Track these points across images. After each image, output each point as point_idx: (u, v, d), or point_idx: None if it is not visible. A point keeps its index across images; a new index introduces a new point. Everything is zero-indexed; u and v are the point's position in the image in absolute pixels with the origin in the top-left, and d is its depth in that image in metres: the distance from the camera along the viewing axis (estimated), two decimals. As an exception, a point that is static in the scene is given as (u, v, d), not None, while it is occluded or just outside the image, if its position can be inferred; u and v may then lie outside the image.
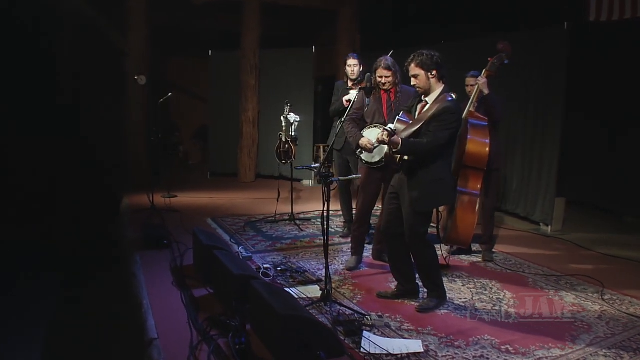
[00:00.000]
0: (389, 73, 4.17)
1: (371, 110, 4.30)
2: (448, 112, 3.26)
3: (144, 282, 4.08)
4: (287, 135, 6.05)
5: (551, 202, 5.61)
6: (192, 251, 4.71)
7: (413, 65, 3.36)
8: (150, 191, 6.61)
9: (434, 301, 3.56)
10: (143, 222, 5.52)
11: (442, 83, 3.39)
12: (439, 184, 3.39)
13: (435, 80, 3.36)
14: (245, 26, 8.65)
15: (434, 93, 3.40)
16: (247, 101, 8.91)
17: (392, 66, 4.18)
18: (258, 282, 3.22)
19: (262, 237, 5.49)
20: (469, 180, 4.30)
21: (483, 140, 4.26)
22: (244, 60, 8.77)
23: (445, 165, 3.44)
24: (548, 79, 5.60)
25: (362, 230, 4.57)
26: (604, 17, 4.87)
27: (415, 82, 3.39)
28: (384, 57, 4.24)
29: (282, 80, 9.02)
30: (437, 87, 3.39)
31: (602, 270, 4.38)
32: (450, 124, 3.27)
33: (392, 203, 3.62)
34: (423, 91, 3.41)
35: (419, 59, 3.33)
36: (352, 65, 5.14)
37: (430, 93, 3.41)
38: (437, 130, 3.27)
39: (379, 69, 4.17)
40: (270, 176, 9.39)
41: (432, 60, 3.31)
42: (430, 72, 3.32)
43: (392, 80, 4.20)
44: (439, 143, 3.28)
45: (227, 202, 7.38)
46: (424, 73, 3.33)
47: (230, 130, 9.20)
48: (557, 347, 3.01)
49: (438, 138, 3.27)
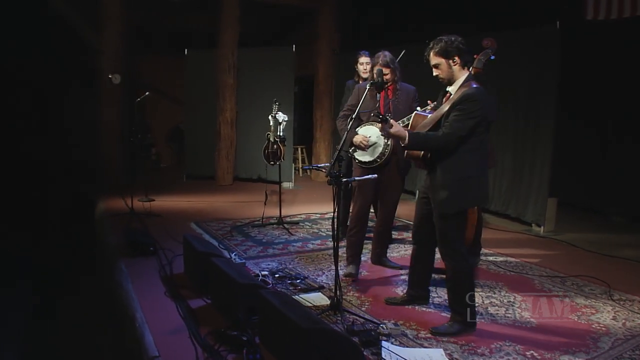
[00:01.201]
0: (388, 70, 3.97)
1: (367, 108, 4.04)
2: (469, 99, 2.90)
3: (133, 293, 3.80)
4: (275, 135, 5.82)
5: (543, 203, 5.59)
6: (181, 258, 4.44)
7: (432, 54, 3.02)
8: (126, 194, 6.28)
9: (456, 327, 3.11)
10: (125, 228, 5.20)
11: (466, 70, 3.05)
12: (466, 182, 3.00)
13: (458, 68, 3.01)
14: (224, 24, 8.38)
15: (457, 82, 3.04)
16: (224, 101, 8.62)
17: (391, 62, 3.99)
18: (267, 292, 3.00)
19: (251, 242, 5.25)
20: None
21: None
22: (221, 59, 8.49)
23: (475, 160, 3.01)
24: (540, 79, 5.58)
25: (360, 235, 4.25)
26: (602, 15, 4.85)
27: (437, 72, 3.05)
28: (382, 53, 4.04)
29: (260, 80, 8.77)
30: (460, 75, 3.03)
31: (604, 270, 4.35)
32: (471, 112, 2.88)
33: (422, 208, 3.30)
34: (446, 81, 3.07)
35: (437, 47, 2.99)
36: (364, 63, 4.99)
37: (453, 82, 3.05)
38: (456, 120, 2.91)
39: (377, 66, 3.94)
40: (249, 179, 9.15)
41: (453, 45, 2.96)
42: (452, 59, 2.98)
43: (391, 77, 4.01)
44: (458, 134, 2.91)
45: (208, 206, 7.09)
46: (444, 61, 3.00)
47: (207, 132, 8.90)
48: (581, 351, 2.91)
49: (456, 129, 2.90)
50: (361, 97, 3.91)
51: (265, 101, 8.75)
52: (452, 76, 3.04)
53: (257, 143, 8.94)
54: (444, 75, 3.05)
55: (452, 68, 3.01)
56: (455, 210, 3.06)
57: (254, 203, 7.42)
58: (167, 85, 10.11)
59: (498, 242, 5.27)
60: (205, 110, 8.86)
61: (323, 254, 4.87)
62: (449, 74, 3.03)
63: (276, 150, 5.82)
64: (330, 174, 3.24)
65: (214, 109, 8.74)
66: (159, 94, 6.46)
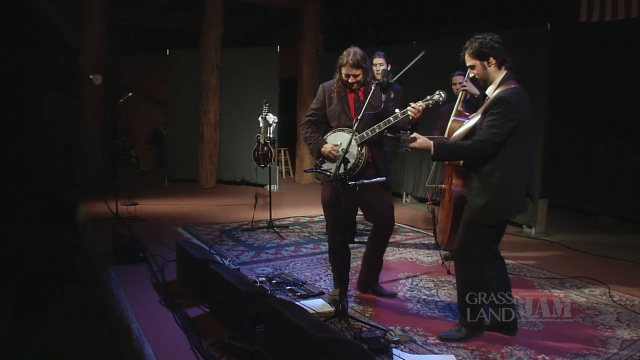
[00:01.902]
0: (359, 71, 3.41)
1: (335, 111, 3.53)
2: (502, 102, 2.75)
3: (127, 302, 3.64)
4: (265, 137, 5.70)
5: (534, 204, 5.61)
6: (172, 264, 4.31)
7: (467, 56, 2.91)
8: (108, 198, 6.09)
9: (464, 332, 3.03)
10: (112, 233, 5.01)
11: (503, 69, 2.88)
12: (503, 191, 2.83)
13: (494, 69, 2.87)
14: (207, 24, 8.22)
15: (494, 83, 2.89)
16: (208, 103, 8.46)
17: (363, 62, 3.41)
18: (274, 299, 2.89)
19: (243, 247, 5.12)
20: (464, 179, 4.17)
21: None
22: (205, 60, 8.33)
23: (513, 167, 2.84)
24: (530, 80, 5.58)
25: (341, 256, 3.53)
26: (595, 17, 4.89)
27: (473, 73, 2.95)
28: (353, 50, 3.44)
29: (244, 81, 8.66)
30: (497, 76, 2.89)
31: (600, 271, 4.37)
32: (505, 116, 2.73)
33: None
34: (484, 83, 2.95)
35: (472, 48, 2.87)
36: (377, 64, 4.72)
37: (490, 83, 2.92)
38: (490, 126, 2.76)
39: (346, 67, 3.40)
40: (232, 181, 9.01)
41: (487, 45, 2.83)
42: (487, 60, 2.86)
43: (362, 78, 3.45)
44: (492, 141, 2.75)
45: (193, 210, 6.92)
46: (479, 63, 2.88)
47: (190, 134, 8.72)
48: (592, 354, 2.89)
49: (490, 135, 2.75)
50: (326, 98, 3.56)
51: (249, 102, 8.66)
52: (488, 77, 2.92)
53: (241, 145, 8.85)
54: (480, 76, 2.94)
55: (488, 69, 2.89)
56: (486, 223, 2.91)
57: (240, 206, 7.30)
58: (148, 86, 9.89)
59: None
60: (187, 112, 8.68)
61: (318, 258, 4.78)
62: (484, 75, 2.92)
63: (266, 152, 5.71)
64: (336, 177, 3.10)
65: (196, 111, 8.57)
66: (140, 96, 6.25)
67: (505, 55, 2.87)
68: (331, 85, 3.57)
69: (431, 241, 5.38)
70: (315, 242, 5.35)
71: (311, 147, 3.59)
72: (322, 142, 3.52)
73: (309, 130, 3.61)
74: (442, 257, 4.70)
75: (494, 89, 2.88)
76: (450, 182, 4.21)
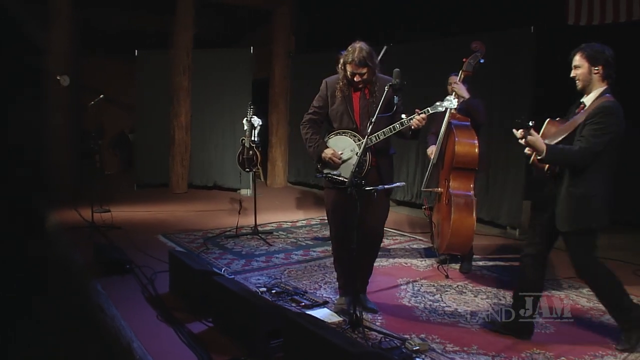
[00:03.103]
0: (365, 70, 3.22)
1: (337, 112, 3.35)
2: (605, 112, 2.78)
3: (121, 319, 3.40)
4: (250, 140, 5.53)
5: (518, 206, 5.70)
6: (161, 276, 4.10)
7: (578, 56, 2.92)
8: (78, 205, 5.76)
9: (635, 337, 2.96)
10: (95, 244, 4.71)
11: (605, 83, 2.91)
12: (591, 201, 2.86)
13: (598, 78, 2.89)
14: (178, 24, 7.95)
15: (593, 92, 2.92)
16: (179, 105, 8.18)
17: (369, 59, 3.22)
18: (293, 313, 2.76)
19: (231, 255, 4.94)
20: (462, 181, 4.17)
21: (471, 140, 4.17)
22: (176, 61, 8.05)
23: (602, 178, 2.89)
24: (515, 82, 5.67)
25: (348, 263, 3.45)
26: (584, 21, 4.99)
27: (575, 73, 2.93)
28: (359, 46, 3.23)
29: (216, 83, 8.42)
30: (598, 87, 2.91)
31: (592, 270, 4.45)
32: (608, 127, 2.77)
33: (537, 217, 3.16)
34: (581, 87, 2.94)
35: (586, 51, 2.89)
36: None
37: (589, 92, 2.94)
38: (593, 135, 2.78)
39: (351, 65, 3.20)
40: (204, 186, 8.75)
41: (602, 55, 2.86)
42: (595, 66, 2.87)
43: (369, 77, 3.27)
44: (593, 150, 2.77)
45: (170, 216, 6.66)
46: (587, 65, 2.88)
47: (159, 137, 8.41)
48: (608, 355, 2.93)
49: (593, 144, 2.77)
50: (329, 96, 3.36)
51: (221, 105, 8.45)
52: (589, 83, 2.92)
53: (213, 148, 8.61)
54: (580, 78, 2.93)
55: (592, 76, 2.90)
56: (574, 229, 2.93)
57: (218, 212, 7.09)
58: (114, 88, 9.46)
59: (480, 246, 5.27)
60: (157, 114, 8.36)
61: (311, 265, 4.66)
62: (586, 80, 2.92)
63: (252, 156, 5.54)
64: (352, 183, 2.99)
65: (166, 113, 8.28)
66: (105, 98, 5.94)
67: (612, 72, 2.91)
68: (335, 82, 3.38)
69: (420, 245, 5.38)
70: (304, 249, 5.23)
71: (311, 150, 3.43)
72: (323, 146, 3.37)
73: (309, 131, 3.43)
74: (437, 261, 4.69)
75: (595, 97, 2.91)
76: (447, 185, 4.19)
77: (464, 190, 4.11)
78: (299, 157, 9.38)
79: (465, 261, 4.51)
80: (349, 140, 3.33)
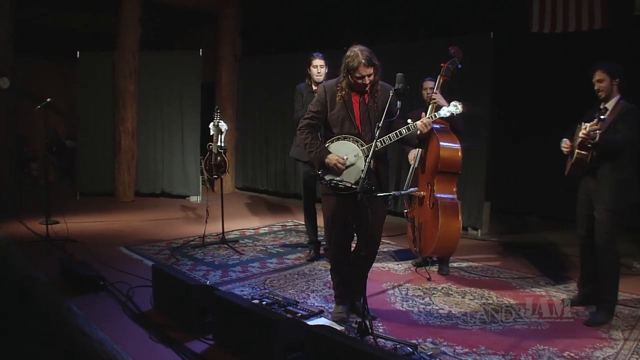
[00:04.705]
0: (372, 70, 3.17)
1: (338, 117, 3.28)
2: (634, 112, 3.38)
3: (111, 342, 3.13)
4: (218, 146, 5.33)
5: (480, 207, 5.92)
6: (139, 292, 3.85)
7: (599, 72, 3.49)
8: (22, 218, 5.27)
9: (602, 314, 3.47)
10: (61, 259, 4.33)
11: (619, 92, 3.51)
12: (627, 183, 3.44)
13: (616, 88, 3.49)
14: (124, 25, 7.53)
15: (613, 99, 3.52)
16: (125, 110, 7.76)
17: (373, 58, 3.16)
18: (316, 327, 2.68)
19: (205, 266, 4.74)
20: (445, 185, 4.27)
21: (454, 145, 4.29)
22: (121, 63, 7.62)
23: (632, 165, 3.47)
24: (474, 87, 5.85)
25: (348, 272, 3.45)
26: (547, 29, 5.25)
27: (599, 86, 3.50)
28: (359, 48, 3.17)
29: (163, 86, 8.11)
30: (616, 94, 3.52)
31: (563, 269, 4.71)
32: (638, 123, 3.36)
33: (584, 209, 3.64)
34: (604, 96, 3.50)
35: (605, 67, 3.47)
36: (317, 65, 4.62)
37: (610, 99, 3.52)
38: (627, 128, 3.34)
39: (361, 67, 3.11)
40: (151, 194, 8.35)
41: (620, 69, 3.48)
42: (615, 79, 3.47)
43: (375, 78, 3.22)
44: (630, 140, 3.35)
45: (126, 227, 6.29)
46: (609, 79, 3.47)
47: (103, 143, 7.94)
48: (606, 346, 3.10)
49: (630, 135, 3.33)
50: (328, 100, 3.29)
51: (169, 109, 8.12)
52: (610, 93, 3.50)
53: (161, 155, 8.24)
54: (604, 90, 3.49)
55: (613, 86, 3.48)
56: (621, 206, 3.46)
57: (174, 220, 6.81)
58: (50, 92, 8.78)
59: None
60: (100, 120, 7.90)
61: (290, 273, 4.57)
62: (608, 90, 3.49)
63: (220, 162, 5.33)
64: (364, 189, 2.95)
65: (110, 118, 7.83)
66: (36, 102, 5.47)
67: (625, 84, 3.50)
68: (334, 86, 3.31)
69: (391, 248, 5.43)
70: (277, 257, 5.12)
71: (312, 156, 3.33)
72: (325, 151, 3.28)
73: (309, 136, 3.32)
74: (413, 264, 4.76)
75: (615, 103, 3.50)
76: (431, 189, 4.26)
77: (448, 194, 4.21)
78: (246, 163, 9.20)
79: (443, 263, 4.61)
80: (352, 146, 3.27)
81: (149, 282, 4.07)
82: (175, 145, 8.20)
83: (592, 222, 3.58)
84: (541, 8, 5.27)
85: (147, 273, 4.34)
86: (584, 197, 3.66)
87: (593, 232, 3.58)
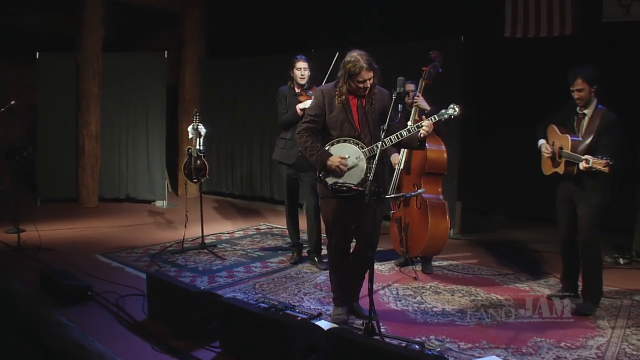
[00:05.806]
0: (371, 74, 3.22)
1: (337, 119, 3.32)
2: (615, 124, 3.53)
3: (112, 355, 3.01)
4: (197, 150, 5.23)
5: (452, 207, 6.07)
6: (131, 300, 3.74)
7: (579, 81, 3.56)
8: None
9: (588, 305, 3.67)
10: (42, 269, 4.12)
11: (596, 97, 3.63)
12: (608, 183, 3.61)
13: (594, 94, 3.62)
14: (87, 25, 7.26)
15: (591, 106, 3.65)
16: (88, 113, 7.49)
17: (372, 62, 3.22)
18: (336, 328, 2.69)
19: (190, 272, 4.65)
20: (432, 186, 4.40)
21: (440, 146, 4.42)
22: (85, 65, 7.34)
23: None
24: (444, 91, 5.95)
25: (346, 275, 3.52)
26: (519, 34, 5.45)
27: (579, 95, 3.59)
28: (357, 53, 3.22)
29: (127, 89, 7.88)
30: (594, 100, 3.64)
31: (535, 263, 4.93)
32: (619, 136, 3.55)
33: (565, 207, 3.79)
34: (583, 104, 3.62)
35: (584, 75, 3.55)
36: (301, 68, 4.59)
37: (588, 106, 3.65)
38: (613, 144, 3.50)
39: (363, 72, 3.17)
40: (115, 199, 8.09)
41: (597, 75, 3.58)
42: (593, 86, 3.57)
43: (374, 81, 3.28)
44: (617, 153, 3.46)
45: (97, 233, 6.07)
46: (588, 88, 3.57)
47: (64, 147, 7.63)
48: (597, 335, 3.29)
49: (617, 150, 3.48)
50: (327, 104, 3.31)
51: (133, 112, 7.90)
52: (589, 100, 3.62)
53: (125, 159, 8.00)
54: (584, 97, 3.59)
55: (591, 94, 3.59)
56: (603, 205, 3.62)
57: (145, 226, 6.64)
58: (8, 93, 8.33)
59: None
60: (62, 123, 7.59)
61: (278, 277, 4.56)
62: (588, 98, 3.61)
63: (200, 165, 5.24)
64: (372, 192, 2.99)
65: (72, 121, 7.54)
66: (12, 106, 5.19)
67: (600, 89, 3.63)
68: (331, 90, 3.34)
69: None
70: (259, 260, 5.09)
71: (313, 159, 3.34)
72: (327, 154, 3.30)
73: (309, 140, 3.34)
74: (396, 264, 4.84)
75: (593, 109, 3.64)
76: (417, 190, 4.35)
77: (435, 194, 4.33)
78: (211, 166, 8.99)
79: (427, 263, 4.72)
80: (352, 148, 3.30)
81: (137, 291, 3.98)
82: (140, 148, 7.98)
83: (573, 219, 3.74)
84: (513, 13, 5.48)
85: (132, 281, 4.26)
86: (564, 197, 3.79)
87: (574, 230, 3.76)
